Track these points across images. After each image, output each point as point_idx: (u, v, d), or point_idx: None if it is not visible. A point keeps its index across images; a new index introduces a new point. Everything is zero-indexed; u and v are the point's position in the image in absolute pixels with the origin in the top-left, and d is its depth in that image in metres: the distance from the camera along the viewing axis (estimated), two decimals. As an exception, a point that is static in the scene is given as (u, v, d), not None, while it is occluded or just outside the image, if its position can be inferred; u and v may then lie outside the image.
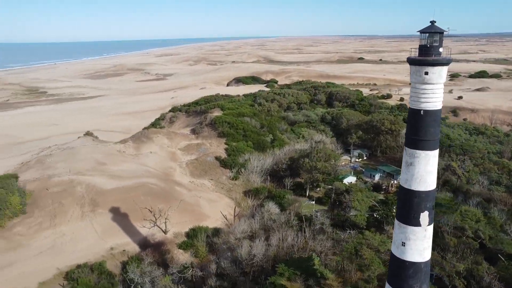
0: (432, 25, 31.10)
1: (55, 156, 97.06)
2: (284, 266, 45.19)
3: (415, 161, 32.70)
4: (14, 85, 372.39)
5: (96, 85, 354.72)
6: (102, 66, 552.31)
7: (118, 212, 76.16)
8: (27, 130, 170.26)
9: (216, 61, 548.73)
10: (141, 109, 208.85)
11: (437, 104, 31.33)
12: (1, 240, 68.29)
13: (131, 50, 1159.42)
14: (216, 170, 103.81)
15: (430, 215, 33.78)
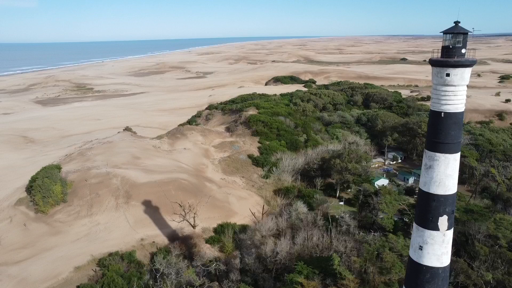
0: (455, 26, 30.36)
1: (95, 149, 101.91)
2: (303, 264, 45.47)
3: (434, 164, 32.08)
4: (65, 81, 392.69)
5: (139, 82, 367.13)
6: (145, 64, 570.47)
7: (150, 205, 78.96)
8: (73, 124, 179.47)
9: (256, 60, 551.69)
10: (179, 106, 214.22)
11: (459, 106, 30.56)
12: (44, 225, 73.00)
13: (175, 48, 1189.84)
14: (248, 168, 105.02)
15: (450, 220, 32.98)
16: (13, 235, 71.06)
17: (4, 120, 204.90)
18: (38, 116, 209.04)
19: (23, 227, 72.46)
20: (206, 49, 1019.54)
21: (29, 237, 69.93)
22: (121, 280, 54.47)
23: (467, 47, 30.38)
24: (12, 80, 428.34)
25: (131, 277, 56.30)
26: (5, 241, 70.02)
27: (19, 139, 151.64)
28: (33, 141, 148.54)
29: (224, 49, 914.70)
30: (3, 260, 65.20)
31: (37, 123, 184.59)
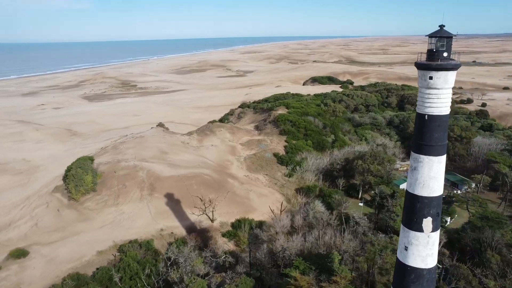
0: (439, 30, 30.66)
1: (127, 143, 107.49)
2: (301, 260, 46.70)
3: (418, 165, 32.50)
4: (111, 78, 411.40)
5: (180, 80, 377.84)
6: (188, 62, 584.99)
7: (172, 197, 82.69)
8: (114, 119, 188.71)
9: (297, 60, 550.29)
10: (215, 104, 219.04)
11: (443, 109, 30.83)
12: (75, 212, 78.62)
13: (219, 47, 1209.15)
14: (273, 166, 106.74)
15: (435, 222, 33.25)
16: (48, 219, 77.13)
17: (54, 114, 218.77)
18: (84, 111, 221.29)
19: (57, 212, 78.41)
20: (249, 48, 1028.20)
21: (61, 222, 75.64)
22: (136, 265, 58.03)
23: (452, 50, 30.62)
24: (65, 76, 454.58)
25: (146, 263, 59.73)
26: (41, 224, 76.23)
27: (64, 132, 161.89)
28: (76, 134, 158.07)
29: (267, 48, 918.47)
30: (38, 240, 71.18)
31: (82, 117, 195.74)
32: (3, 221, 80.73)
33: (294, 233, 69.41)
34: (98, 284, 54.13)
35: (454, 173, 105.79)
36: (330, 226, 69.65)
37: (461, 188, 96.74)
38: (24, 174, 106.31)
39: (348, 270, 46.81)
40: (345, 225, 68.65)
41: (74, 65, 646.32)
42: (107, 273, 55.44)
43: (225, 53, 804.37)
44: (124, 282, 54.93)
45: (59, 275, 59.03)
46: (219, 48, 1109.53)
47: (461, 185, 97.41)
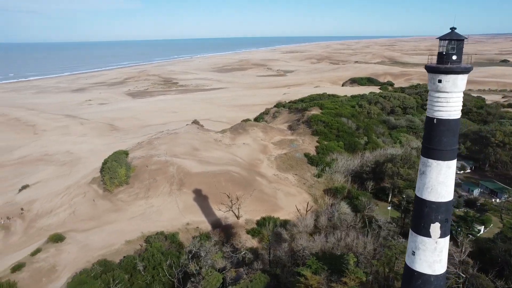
0: (450, 32, 30.16)
1: (161, 139, 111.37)
2: (315, 259, 47.00)
3: (427, 170, 32.12)
4: (155, 76, 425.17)
5: (220, 78, 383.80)
6: (230, 61, 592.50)
7: (200, 193, 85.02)
8: (153, 116, 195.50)
9: (338, 60, 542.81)
10: (252, 103, 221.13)
11: (452, 113, 30.29)
12: (108, 202, 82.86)
13: (261, 46, 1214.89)
14: (303, 166, 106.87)
15: (443, 228, 32.69)
16: (84, 208, 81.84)
17: (99, 109, 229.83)
18: (126, 107, 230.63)
19: (92, 202, 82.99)
20: (291, 47, 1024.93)
21: (96, 211, 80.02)
22: (160, 256, 60.50)
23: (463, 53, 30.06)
24: (112, 74, 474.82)
25: (169, 254, 62.14)
26: (78, 212, 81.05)
27: (106, 126, 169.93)
28: (117, 129, 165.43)
29: (309, 48, 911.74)
30: (75, 227, 75.80)
31: (123, 113, 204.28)
32: (46, 208, 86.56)
33: (317, 233, 69.65)
34: (123, 271, 57.00)
35: (494, 181, 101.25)
36: (354, 229, 69.23)
37: (501, 197, 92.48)
38: (67, 166, 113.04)
39: (363, 272, 46.57)
40: (368, 228, 67.92)
41: (121, 62, 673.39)
42: (132, 262, 58.27)
43: (267, 53, 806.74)
44: (147, 271, 57.50)
45: (90, 261, 62.65)
46: (261, 48, 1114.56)
47: (501, 193, 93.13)
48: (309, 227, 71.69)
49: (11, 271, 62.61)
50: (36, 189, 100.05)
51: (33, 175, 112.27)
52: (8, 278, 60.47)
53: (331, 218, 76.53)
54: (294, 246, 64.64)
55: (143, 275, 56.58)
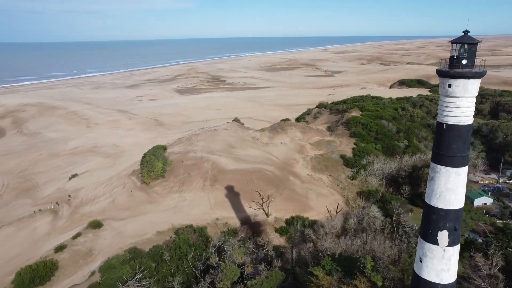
0: (462, 36, 29.42)
1: (200, 135, 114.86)
2: (330, 260, 47.06)
3: (435, 176, 31.54)
4: (203, 73, 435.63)
5: (268, 77, 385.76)
6: (279, 60, 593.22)
7: (232, 190, 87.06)
8: (197, 112, 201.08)
9: (389, 61, 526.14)
10: (296, 103, 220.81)
11: (462, 119, 29.52)
12: (144, 194, 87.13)
13: (312, 46, 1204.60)
14: (338, 167, 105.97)
15: (452, 236, 31.92)
16: (123, 198, 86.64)
17: (148, 105, 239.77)
18: (173, 103, 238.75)
19: (130, 193, 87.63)
20: (342, 47, 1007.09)
21: (132, 202, 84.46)
22: (186, 247, 63.03)
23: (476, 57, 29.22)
24: (164, 71, 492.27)
25: (196, 247, 64.56)
26: (117, 202, 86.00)
27: (152, 122, 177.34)
28: (162, 125, 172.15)
29: (360, 49, 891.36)
30: (113, 215, 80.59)
31: (170, 109, 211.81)
32: (90, 196, 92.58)
33: (343, 236, 69.21)
34: (151, 260, 60.10)
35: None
36: (382, 233, 68.07)
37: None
38: (112, 158, 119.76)
39: (380, 277, 46.07)
40: (397, 233, 66.56)
41: (173, 60, 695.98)
42: (159, 251, 61.22)
43: (317, 52, 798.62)
44: (173, 261, 60.17)
45: (122, 247, 66.52)
46: (312, 47, 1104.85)
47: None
48: (336, 229, 71.26)
49: (54, 251, 68.00)
50: (83, 178, 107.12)
51: (83, 165, 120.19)
52: (51, 257, 65.77)
53: (361, 221, 75.68)
54: (319, 247, 64.76)
55: (168, 264, 59.29)
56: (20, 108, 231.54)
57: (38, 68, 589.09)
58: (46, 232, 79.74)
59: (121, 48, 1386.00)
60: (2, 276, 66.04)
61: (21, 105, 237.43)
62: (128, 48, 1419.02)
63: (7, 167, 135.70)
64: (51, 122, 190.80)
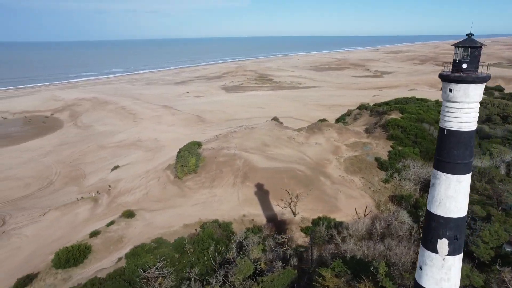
0: (465, 39, 28.58)
1: (237, 133, 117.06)
2: (340, 262, 46.91)
3: (436, 182, 30.91)
4: (251, 71, 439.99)
5: (315, 77, 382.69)
6: (328, 60, 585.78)
7: (261, 188, 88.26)
8: (240, 110, 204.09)
9: (445, 61, 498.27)
10: (339, 103, 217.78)
11: (463, 125, 28.71)
12: (177, 188, 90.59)
13: (365, 45, 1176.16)
14: (371, 170, 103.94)
15: (452, 245, 31.12)
16: (156, 191, 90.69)
17: (193, 101, 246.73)
18: (218, 100, 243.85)
19: (163, 187, 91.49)
20: (395, 47, 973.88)
21: (165, 195, 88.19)
22: (209, 241, 65.25)
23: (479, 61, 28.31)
24: (213, 68, 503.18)
25: (218, 241, 66.59)
26: (150, 194, 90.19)
27: (194, 118, 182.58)
28: (203, 121, 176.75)
29: (414, 48, 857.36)
30: (145, 206, 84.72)
31: (214, 106, 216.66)
32: (127, 187, 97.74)
33: (367, 239, 68.31)
34: (174, 250, 62.86)
35: None
36: (409, 239, 66.39)
37: None
38: (152, 152, 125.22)
39: (392, 284, 45.39)
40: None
41: (223, 58, 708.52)
42: (182, 243, 63.84)
43: (368, 52, 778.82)
44: (194, 253, 62.54)
45: (150, 237, 69.93)
46: (364, 47, 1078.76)
47: None
48: (360, 232, 70.44)
49: (89, 236, 72.92)
50: (124, 170, 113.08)
51: (125, 157, 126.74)
52: (86, 242, 70.60)
53: (389, 226, 74.15)
54: (340, 249, 64.44)
55: (189, 256, 61.72)
56: (76, 102, 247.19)
57: (98, 64, 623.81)
58: (86, 218, 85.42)
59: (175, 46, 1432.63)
60: (46, 255, 71.84)
61: (78, 100, 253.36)
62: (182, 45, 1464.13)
63: (61, 157, 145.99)
64: (102, 116, 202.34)
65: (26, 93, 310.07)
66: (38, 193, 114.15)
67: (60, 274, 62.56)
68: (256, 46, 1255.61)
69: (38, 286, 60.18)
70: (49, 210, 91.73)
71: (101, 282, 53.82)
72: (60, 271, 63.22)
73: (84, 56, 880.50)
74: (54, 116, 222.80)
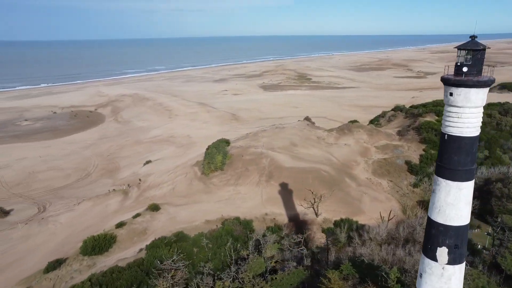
0: (467, 42, 27.65)
1: (266, 132, 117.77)
2: (350, 265, 46.37)
3: (436, 188, 30.12)
4: (290, 71, 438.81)
5: (354, 77, 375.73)
6: (369, 59, 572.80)
7: (285, 187, 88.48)
8: (274, 109, 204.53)
9: (496, 61, 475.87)
10: (375, 104, 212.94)
11: (464, 130, 27.81)
12: (202, 184, 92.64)
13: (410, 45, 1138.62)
14: (401, 173, 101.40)
15: (452, 254, 30.20)
16: (182, 186, 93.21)
17: (230, 99, 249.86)
18: (254, 98, 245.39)
19: (190, 182, 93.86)
20: (444, 47, 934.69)
21: (190, 190, 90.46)
22: (227, 237, 66.46)
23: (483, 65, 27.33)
24: (253, 66, 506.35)
25: (237, 238, 67.67)
26: (177, 189, 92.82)
27: (228, 116, 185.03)
28: (237, 119, 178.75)
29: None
30: (170, 201, 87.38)
31: (250, 104, 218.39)
32: (156, 182, 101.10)
33: (389, 244, 66.99)
34: (192, 245, 64.57)
35: None
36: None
37: None
38: (183, 148, 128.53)
39: (402, 290, 44.45)
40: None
41: (264, 56, 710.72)
42: (200, 238, 65.42)
43: (413, 52, 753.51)
44: (212, 249, 63.94)
45: (171, 231, 72.14)
46: (409, 46, 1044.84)
47: None
48: (381, 236, 69.10)
49: (115, 226, 76.35)
50: (155, 165, 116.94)
51: (158, 152, 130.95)
52: (112, 232, 74.01)
53: (413, 231, 72.21)
54: (355, 252, 63.60)
55: (206, 251, 63.17)
56: (119, 98, 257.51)
57: (142, 62, 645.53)
58: (115, 209, 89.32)
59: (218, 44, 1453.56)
60: (76, 242, 75.94)
61: (120, 96, 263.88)
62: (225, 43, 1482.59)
63: (100, 150, 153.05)
64: (141, 111, 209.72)
65: (75, 89, 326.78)
66: (76, 184, 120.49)
67: (86, 260, 66.05)
68: (298, 45, 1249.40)
69: (65, 271, 63.87)
70: (83, 200, 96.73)
71: (120, 271, 56.34)
72: (86, 258, 66.74)
73: (131, 54, 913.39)
74: (98, 111, 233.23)
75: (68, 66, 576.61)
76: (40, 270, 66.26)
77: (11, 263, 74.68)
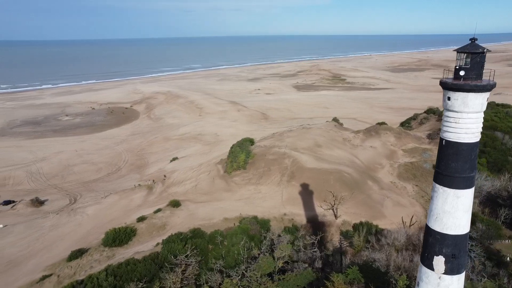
0: (468, 44, 26.68)
1: (292, 132, 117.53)
2: (356, 270, 45.76)
3: (434, 195, 29.30)
4: (325, 71, 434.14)
5: (390, 78, 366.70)
6: (408, 60, 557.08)
7: (306, 188, 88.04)
8: (305, 109, 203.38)
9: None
10: (409, 106, 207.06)
11: (462, 136, 26.89)
12: (224, 182, 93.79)
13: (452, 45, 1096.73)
14: (427, 178, 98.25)
15: (449, 264, 29.30)
16: (205, 184, 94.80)
17: (262, 98, 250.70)
18: (286, 98, 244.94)
19: (212, 180, 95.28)
20: (490, 46, 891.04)
21: (212, 188, 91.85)
22: (242, 236, 67.09)
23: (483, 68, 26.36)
24: (288, 66, 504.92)
25: (253, 237, 68.17)
26: (199, 186, 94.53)
27: (258, 115, 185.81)
28: (266, 118, 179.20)
29: (510, 48, 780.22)
30: (192, 197, 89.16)
31: (280, 104, 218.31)
32: (180, 178, 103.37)
33: (406, 249, 65.43)
34: (207, 241, 65.71)
35: None
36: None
37: None
38: (209, 146, 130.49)
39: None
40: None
41: (300, 56, 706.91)
42: (216, 235, 66.43)
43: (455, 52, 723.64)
44: (226, 246, 64.82)
45: (189, 227, 73.55)
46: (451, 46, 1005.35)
47: None
48: (399, 241, 67.49)
49: (137, 220, 78.81)
50: (181, 161, 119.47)
51: (185, 150, 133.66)
52: (133, 225, 76.52)
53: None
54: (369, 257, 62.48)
55: (220, 248, 64.12)
56: (153, 95, 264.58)
57: (179, 60, 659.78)
58: (139, 204, 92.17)
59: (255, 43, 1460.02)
60: (100, 233, 79.04)
61: (154, 93, 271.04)
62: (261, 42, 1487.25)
63: (131, 145, 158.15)
64: (173, 109, 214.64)
65: (113, 86, 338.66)
66: (107, 178, 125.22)
67: (106, 252, 68.68)
68: (335, 45, 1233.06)
69: (86, 260, 66.75)
70: (110, 193, 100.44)
71: (135, 263, 58.26)
72: (107, 249, 69.39)
73: (169, 52, 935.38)
74: (133, 108, 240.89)
75: (109, 64, 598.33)
76: (64, 258, 69.58)
77: (41, 250, 78.91)
